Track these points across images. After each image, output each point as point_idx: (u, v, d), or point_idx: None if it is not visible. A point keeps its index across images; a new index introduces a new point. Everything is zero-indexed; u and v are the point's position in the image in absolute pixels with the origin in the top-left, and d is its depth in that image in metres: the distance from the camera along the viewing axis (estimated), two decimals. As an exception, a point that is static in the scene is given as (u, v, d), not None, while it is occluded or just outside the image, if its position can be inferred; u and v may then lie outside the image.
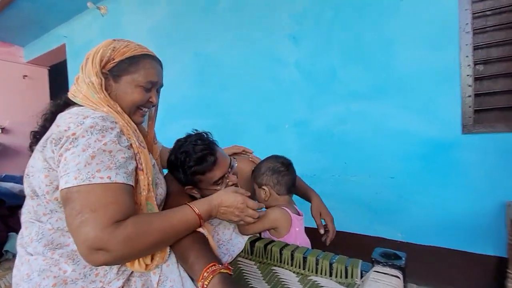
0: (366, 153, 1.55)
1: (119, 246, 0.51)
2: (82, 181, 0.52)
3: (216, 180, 0.84)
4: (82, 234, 0.50)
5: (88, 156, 0.54)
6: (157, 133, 2.73)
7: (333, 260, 0.68)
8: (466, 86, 1.33)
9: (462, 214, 1.34)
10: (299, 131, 1.75)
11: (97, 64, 0.67)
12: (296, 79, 1.75)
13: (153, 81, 0.73)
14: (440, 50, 1.35)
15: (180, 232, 0.63)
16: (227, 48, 2.03)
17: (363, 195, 1.57)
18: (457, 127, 1.33)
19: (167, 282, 0.64)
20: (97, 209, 0.51)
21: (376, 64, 1.50)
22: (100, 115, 0.61)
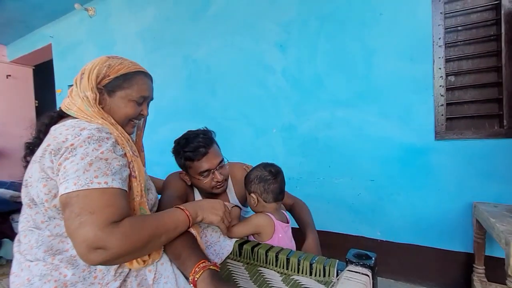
0: (348, 157, 1.64)
1: (117, 243, 0.54)
2: (81, 187, 0.56)
3: (202, 171, 0.97)
4: (81, 235, 0.53)
5: (86, 164, 0.58)
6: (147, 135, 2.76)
7: (313, 260, 0.75)
8: (439, 96, 1.44)
9: (434, 213, 1.45)
10: (286, 135, 1.83)
11: (93, 80, 0.71)
12: (283, 85, 1.82)
13: (145, 95, 0.79)
14: (416, 62, 1.45)
15: (171, 229, 0.68)
16: (216, 53, 2.08)
17: (345, 197, 1.67)
18: (430, 134, 1.44)
19: (162, 279, 0.69)
20: (95, 211, 0.55)
21: (358, 73, 1.59)
22: (96, 126, 0.65)
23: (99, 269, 0.65)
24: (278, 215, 1.04)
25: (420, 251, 1.49)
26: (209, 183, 1.01)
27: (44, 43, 3.28)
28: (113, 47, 2.70)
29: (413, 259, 1.52)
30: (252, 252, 0.86)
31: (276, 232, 0.98)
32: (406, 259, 1.53)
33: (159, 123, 2.44)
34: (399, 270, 1.55)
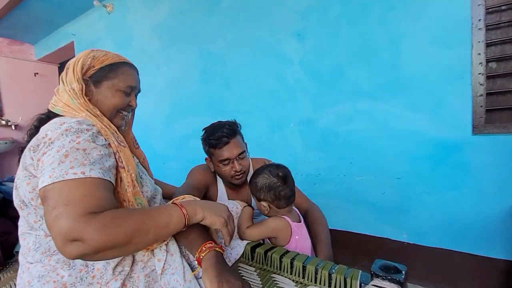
0: (372, 153, 1.52)
1: (94, 234, 0.49)
2: (55, 179, 0.52)
3: (222, 159, 1.05)
4: (57, 227, 0.49)
5: (61, 155, 0.55)
6: (163, 131, 2.78)
7: (333, 270, 0.67)
8: (477, 85, 1.28)
9: (469, 216, 1.31)
10: (304, 130, 1.74)
11: (78, 71, 0.71)
12: (300, 77, 1.72)
13: (132, 85, 0.78)
14: (451, 48, 1.30)
15: (162, 225, 0.59)
16: (231, 46, 2.01)
17: (368, 195, 1.56)
18: (467, 128, 1.29)
19: (169, 269, 0.68)
20: (70, 202, 0.51)
21: (383, 62, 1.46)
22: (77, 119, 0.63)
23: (97, 268, 0.62)
24: (292, 216, 0.99)
25: (452, 256, 1.36)
26: (228, 171, 1.07)
27: (67, 41, 3.38)
28: (130, 42, 2.71)
29: (443, 264, 1.39)
30: (265, 256, 0.80)
31: (293, 235, 0.94)
32: (435, 264, 1.41)
33: (175, 119, 2.44)
34: (426, 275, 1.43)
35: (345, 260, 1.66)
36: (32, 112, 1.11)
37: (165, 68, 2.47)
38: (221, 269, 0.64)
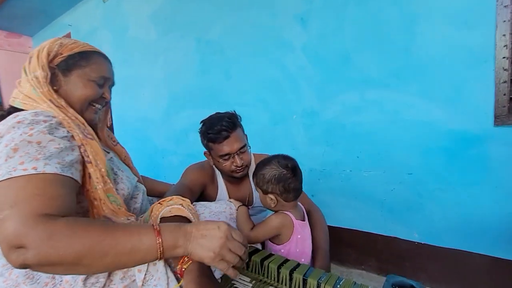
0: (381, 147, 1.41)
1: (37, 242, 0.41)
2: (2, 177, 0.45)
3: (222, 154, 0.98)
4: (2, 231, 0.42)
5: (9, 150, 0.47)
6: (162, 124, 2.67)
7: (337, 285, 0.58)
8: (501, 70, 1.14)
9: (488, 215, 1.20)
10: (307, 122, 1.62)
11: (44, 58, 0.64)
12: (303, 64, 1.60)
13: (105, 76, 0.72)
14: (472, 28, 1.15)
15: (125, 251, 0.46)
16: (230, 32, 1.89)
17: (377, 192, 1.45)
18: (488, 118, 1.16)
19: (152, 280, 0.60)
20: (17, 203, 0.43)
21: (395, 46, 1.32)
22: (34, 111, 0.56)
23: (65, 280, 0.54)
24: (297, 212, 0.94)
25: (468, 257, 1.26)
26: (229, 166, 1.01)
27: (64, 32, 3.28)
28: (126, 31, 2.61)
29: (458, 266, 1.29)
30: (262, 266, 0.71)
31: (294, 233, 0.89)
32: (449, 266, 1.31)
33: (174, 111, 2.34)
34: (439, 277, 1.34)
35: (351, 260, 1.58)
36: None
37: (162, 58, 2.36)
38: (204, 285, 0.54)
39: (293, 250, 0.88)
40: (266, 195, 0.92)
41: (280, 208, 0.93)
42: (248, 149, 1.07)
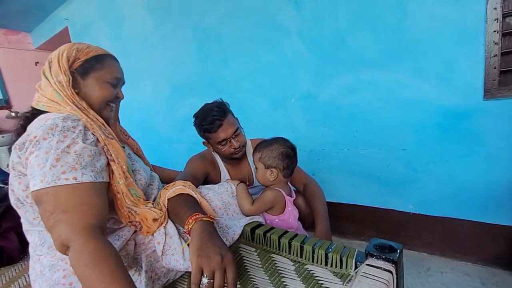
0: (376, 125, 1.47)
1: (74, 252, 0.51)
2: (47, 184, 0.54)
3: (220, 141, 1.09)
4: (56, 232, 0.53)
5: (52, 159, 0.55)
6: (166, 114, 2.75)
7: (329, 250, 0.68)
8: (492, 44, 1.17)
9: (478, 184, 1.27)
10: (305, 105, 1.68)
11: (65, 63, 0.69)
12: (299, 49, 1.63)
13: (118, 77, 0.78)
14: (462, 4, 1.17)
15: None
16: (225, 19, 1.91)
17: (373, 168, 1.53)
18: (478, 93, 1.21)
19: (169, 251, 0.71)
20: (68, 210, 0.54)
21: (387, 26, 1.35)
22: (62, 115, 0.62)
23: None
24: (286, 189, 1.07)
25: (459, 224, 1.35)
26: (227, 150, 1.12)
27: (61, 26, 3.30)
28: (123, 23, 2.62)
29: (449, 232, 1.38)
30: (265, 237, 0.81)
31: (286, 205, 1.03)
32: (441, 233, 1.41)
33: (176, 101, 2.41)
34: (433, 243, 1.44)
35: (351, 232, 1.70)
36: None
37: (160, 48, 2.39)
38: (205, 241, 0.61)
39: (286, 219, 1.04)
40: (268, 169, 1.02)
41: (277, 183, 1.04)
42: (242, 131, 1.17)
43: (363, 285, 0.52)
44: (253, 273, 0.71)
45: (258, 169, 1.05)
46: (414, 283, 1.27)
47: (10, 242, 1.00)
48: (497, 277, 1.25)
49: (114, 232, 0.71)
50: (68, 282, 0.62)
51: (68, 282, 0.62)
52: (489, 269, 1.29)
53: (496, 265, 1.29)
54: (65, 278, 0.62)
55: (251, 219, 0.90)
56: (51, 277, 0.63)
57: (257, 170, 1.06)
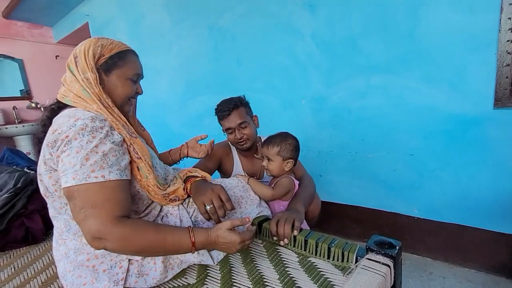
0: (385, 130, 1.49)
1: (115, 240, 0.60)
2: (79, 181, 0.59)
3: (226, 129, 1.24)
4: (86, 226, 0.59)
5: (82, 158, 0.60)
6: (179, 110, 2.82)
7: (332, 244, 0.72)
8: (504, 54, 1.18)
9: (485, 192, 1.28)
10: (315, 106, 1.72)
11: (91, 60, 0.71)
12: (312, 51, 1.66)
13: (138, 73, 0.80)
14: (476, 12, 1.18)
15: (169, 249, 0.67)
16: (240, 20, 1.96)
17: (380, 172, 1.55)
18: (488, 101, 1.22)
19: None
20: (97, 205, 0.60)
21: (400, 32, 1.37)
22: (90, 115, 0.65)
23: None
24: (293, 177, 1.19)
25: (463, 231, 1.36)
26: (232, 139, 1.25)
27: (81, 22, 3.42)
28: (141, 20, 2.71)
29: (454, 238, 1.40)
30: (271, 231, 0.85)
31: (295, 190, 1.16)
32: (446, 238, 1.42)
33: (189, 97, 2.48)
34: (437, 248, 1.45)
35: (355, 234, 1.73)
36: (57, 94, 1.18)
37: (176, 46, 2.46)
38: (199, 188, 0.82)
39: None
40: (285, 161, 1.11)
41: (289, 173, 1.15)
42: (252, 126, 1.25)
43: (362, 276, 0.56)
44: (259, 263, 0.76)
45: (274, 162, 1.11)
46: (415, 287, 1.29)
47: (35, 223, 1.08)
48: (501, 286, 1.25)
49: None
50: (91, 265, 0.68)
51: (91, 265, 0.68)
52: (493, 277, 1.30)
53: (500, 273, 1.30)
54: (89, 261, 0.68)
55: (259, 213, 0.95)
56: (75, 259, 0.69)
57: (273, 162, 1.12)
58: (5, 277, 0.86)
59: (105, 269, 0.68)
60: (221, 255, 0.80)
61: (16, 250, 1.05)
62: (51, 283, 0.80)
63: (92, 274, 0.67)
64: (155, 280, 0.72)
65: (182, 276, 0.77)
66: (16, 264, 0.94)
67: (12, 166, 1.31)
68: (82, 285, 0.67)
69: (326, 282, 0.63)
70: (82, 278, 0.67)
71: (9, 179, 1.14)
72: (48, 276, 0.85)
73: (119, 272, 0.68)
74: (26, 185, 1.15)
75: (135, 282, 0.69)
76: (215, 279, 0.72)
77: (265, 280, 0.68)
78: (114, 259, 0.69)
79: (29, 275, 0.87)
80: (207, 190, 0.79)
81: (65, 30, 3.80)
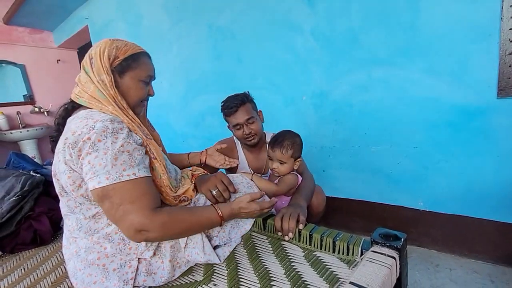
0: (387, 123, 1.49)
1: (157, 228, 0.64)
2: (113, 180, 0.62)
3: (234, 125, 1.24)
4: (128, 221, 0.62)
5: (112, 159, 0.63)
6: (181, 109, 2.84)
7: (337, 238, 0.72)
8: (507, 42, 1.16)
9: (490, 182, 1.27)
10: (317, 102, 1.71)
11: (106, 62, 0.72)
12: (312, 46, 1.65)
13: (151, 75, 0.81)
14: (478, 2, 1.17)
15: (203, 225, 0.75)
16: (239, 17, 1.95)
17: (383, 165, 1.55)
18: (491, 90, 1.20)
19: (191, 244, 0.77)
20: (134, 200, 0.63)
21: (400, 23, 1.35)
22: (108, 117, 0.67)
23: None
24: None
25: (469, 222, 1.35)
26: (240, 134, 1.26)
27: (81, 25, 3.43)
28: (140, 22, 2.71)
29: (460, 230, 1.39)
30: (276, 227, 0.86)
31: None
32: (451, 230, 1.41)
33: (191, 97, 2.48)
34: (442, 241, 1.45)
35: (360, 228, 1.73)
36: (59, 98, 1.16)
37: (176, 46, 2.47)
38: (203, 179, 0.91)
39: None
40: (297, 160, 1.14)
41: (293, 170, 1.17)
42: (258, 121, 1.28)
43: (368, 268, 0.56)
44: (265, 258, 0.76)
45: (287, 164, 1.12)
46: (421, 279, 1.29)
47: (43, 225, 1.10)
48: (508, 276, 1.25)
49: None
50: (101, 264, 0.69)
51: (101, 264, 0.69)
52: (500, 268, 1.29)
53: (507, 264, 1.29)
54: (99, 259, 0.69)
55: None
56: (86, 258, 0.70)
57: (286, 165, 1.12)
58: (16, 278, 0.88)
59: (115, 268, 0.69)
60: (227, 252, 0.81)
61: (25, 252, 1.06)
62: (60, 283, 0.82)
63: (102, 273, 0.68)
64: (163, 278, 0.73)
65: (189, 273, 0.78)
66: (26, 265, 0.95)
67: (18, 170, 1.32)
68: (92, 284, 0.68)
69: (332, 275, 0.64)
70: (92, 276, 0.68)
71: (16, 183, 1.16)
72: (57, 276, 0.87)
73: (128, 272, 0.69)
74: (32, 188, 1.17)
75: (144, 280, 0.70)
76: (222, 276, 0.73)
77: (272, 275, 0.69)
78: (124, 258, 0.70)
79: (39, 275, 0.88)
80: (210, 178, 0.89)
81: (65, 34, 3.82)
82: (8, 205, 1.06)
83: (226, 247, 0.82)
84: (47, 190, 1.26)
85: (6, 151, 3.07)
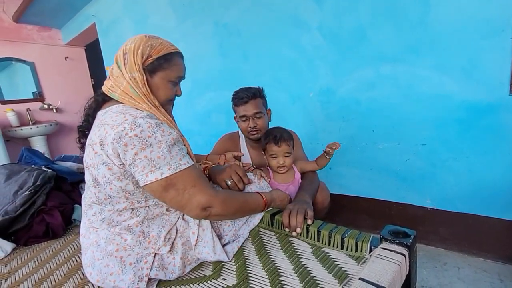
0: (395, 120, 1.47)
1: (220, 204, 0.72)
2: (175, 170, 0.67)
3: (240, 116, 1.26)
4: (195, 202, 0.70)
5: (167, 151, 0.67)
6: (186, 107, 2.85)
7: (345, 234, 0.72)
8: (520, 38, 1.14)
9: (501, 181, 1.26)
10: (324, 99, 1.70)
11: (139, 60, 0.73)
12: (319, 43, 1.64)
13: (181, 76, 0.82)
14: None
15: (252, 208, 0.86)
16: (246, 14, 1.95)
17: (391, 163, 1.54)
18: (504, 87, 1.18)
19: (201, 242, 0.77)
20: (196, 184, 0.70)
21: (410, 19, 1.34)
22: (145, 114, 0.70)
23: (152, 235, 0.73)
24: None
25: (478, 221, 1.34)
26: (245, 127, 1.27)
27: (88, 23, 3.46)
28: (147, 20, 2.72)
29: (468, 228, 1.38)
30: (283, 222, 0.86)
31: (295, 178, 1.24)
32: (460, 229, 1.40)
33: (196, 94, 2.49)
34: (450, 239, 1.44)
35: (367, 226, 1.72)
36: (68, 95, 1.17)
37: (182, 43, 2.47)
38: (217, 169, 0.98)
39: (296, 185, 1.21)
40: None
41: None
42: (265, 118, 1.29)
43: (377, 265, 0.57)
44: (273, 254, 0.77)
45: (292, 154, 1.19)
46: (429, 277, 1.29)
47: (55, 218, 1.12)
48: (517, 275, 1.23)
49: (162, 217, 0.77)
50: (119, 256, 0.71)
51: (119, 256, 0.71)
52: (509, 267, 1.28)
53: (516, 263, 1.28)
54: (118, 251, 0.71)
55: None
56: (105, 248, 0.71)
57: (291, 155, 1.18)
58: (30, 270, 0.90)
59: (131, 262, 0.70)
60: (235, 248, 0.81)
61: (38, 244, 1.09)
62: (72, 275, 0.84)
63: (120, 265, 0.70)
64: (174, 274, 0.74)
65: (198, 268, 0.79)
66: (39, 257, 0.98)
67: (30, 165, 1.35)
68: (109, 275, 0.69)
69: (340, 272, 0.64)
70: (109, 267, 0.70)
71: (29, 178, 1.18)
72: (70, 268, 0.89)
73: (144, 267, 0.70)
74: (45, 183, 1.20)
75: (156, 275, 0.72)
76: (231, 271, 0.74)
77: (280, 270, 0.69)
78: (141, 253, 0.72)
79: (52, 267, 0.90)
80: (225, 169, 0.94)
81: (73, 31, 3.86)
82: (21, 199, 1.09)
83: (234, 243, 0.83)
84: (59, 185, 1.29)
85: (18, 147, 3.13)
